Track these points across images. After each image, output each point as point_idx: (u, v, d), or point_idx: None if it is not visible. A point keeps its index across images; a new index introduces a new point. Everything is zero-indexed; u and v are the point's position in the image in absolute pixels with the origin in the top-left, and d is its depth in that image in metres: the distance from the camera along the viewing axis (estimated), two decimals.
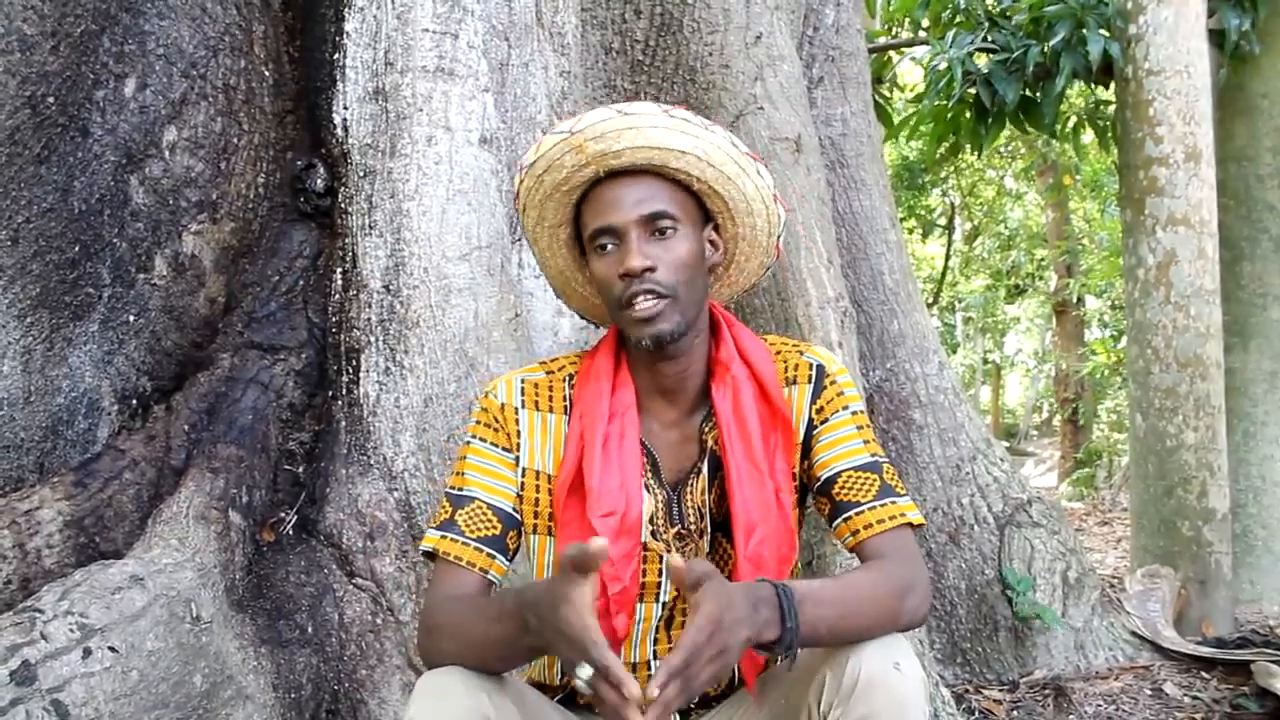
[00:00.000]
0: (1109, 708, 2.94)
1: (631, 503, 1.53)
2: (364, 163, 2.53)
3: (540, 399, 1.63)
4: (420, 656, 1.52)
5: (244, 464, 2.37)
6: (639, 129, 1.48)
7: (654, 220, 1.51)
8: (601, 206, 1.53)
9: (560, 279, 1.73)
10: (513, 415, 1.61)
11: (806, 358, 1.65)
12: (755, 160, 1.58)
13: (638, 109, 1.50)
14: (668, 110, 1.51)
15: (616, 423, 1.56)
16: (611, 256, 1.52)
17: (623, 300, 1.51)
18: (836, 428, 1.61)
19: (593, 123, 1.49)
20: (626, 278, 1.50)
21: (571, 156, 1.51)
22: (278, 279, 2.62)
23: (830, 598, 1.40)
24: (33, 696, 1.74)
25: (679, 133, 1.50)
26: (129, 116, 2.47)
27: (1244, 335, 4.39)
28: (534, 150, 1.55)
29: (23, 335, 2.26)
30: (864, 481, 1.57)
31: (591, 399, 1.57)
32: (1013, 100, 4.67)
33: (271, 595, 2.28)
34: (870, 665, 1.36)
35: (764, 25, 3.01)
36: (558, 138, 1.51)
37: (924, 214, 12.74)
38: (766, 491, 1.55)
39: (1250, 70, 4.43)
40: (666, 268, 1.50)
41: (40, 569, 2.12)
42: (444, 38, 2.56)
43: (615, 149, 1.49)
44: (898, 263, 3.51)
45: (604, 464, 1.53)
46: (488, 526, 1.56)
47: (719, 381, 1.59)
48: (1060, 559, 3.31)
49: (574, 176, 1.54)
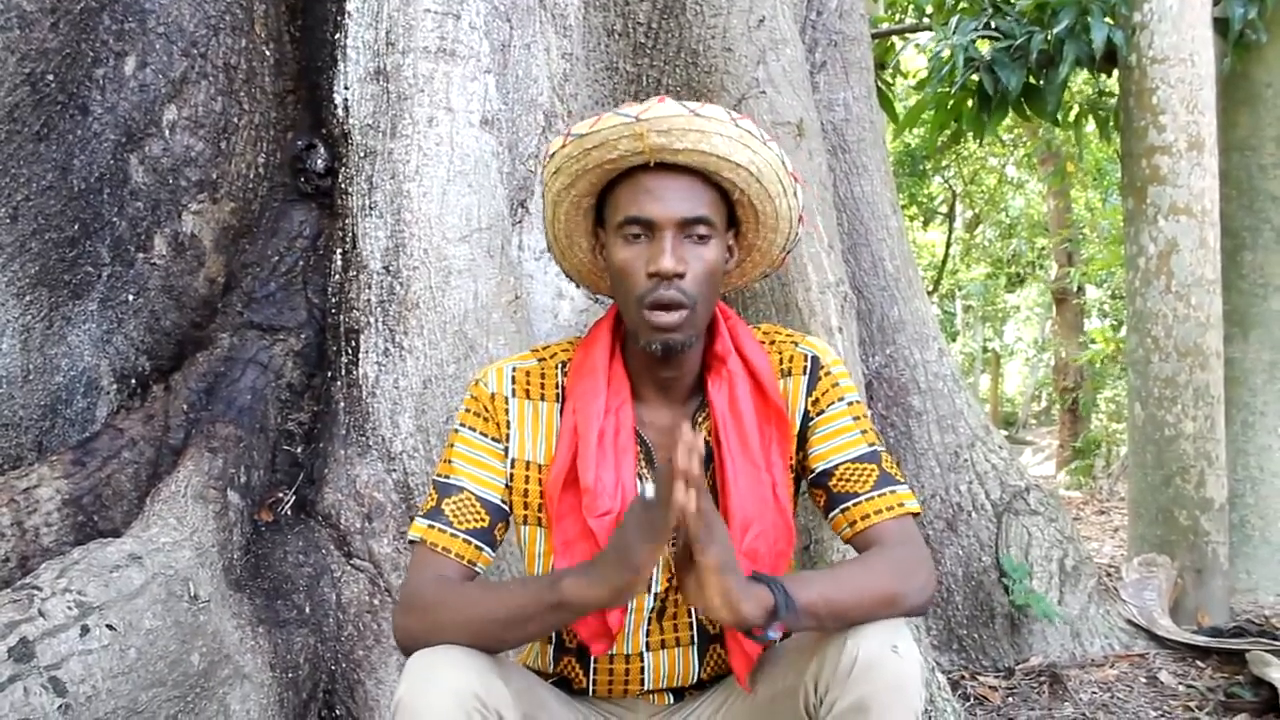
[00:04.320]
0: (1104, 695, 2.95)
1: (626, 500, 1.51)
2: (365, 143, 2.52)
3: (531, 387, 1.61)
4: (399, 639, 1.50)
5: (242, 444, 2.38)
6: (705, 133, 1.46)
7: (693, 224, 1.49)
8: (642, 196, 1.50)
9: (565, 242, 1.69)
10: (502, 405, 1.60)
11: (801, 349, 1.64)
12: (796, 180, 1.58)
13: (709, 112, 1.47)
14: (735, 119, 1.49)
15: (611, 418, 1.54)
16: (640, 248, 1.49)
17: (644, 300, 1.49)
18: (833, 419, 1.60)
19: (661, 114, 1.45)
20: (654, 277, 1.47)
21: (629, 141, 1.47)
22: (277, 259, 2.61)
23: (828, 583, 1.41)
24: (30, 673, 1.74)
25: (740, 144, 1.49)
26: (129, 95, 2.46)
27: (1244, 325, 4.38)
28: (589, 123, 1.50)
29: (22, 314, 2.26)
30: (862, 472, 1.56)
31: (587, 394, 1.55)
32: (1016, 87, 4.65)
33: (269, 575, 2.28)
34: (868, 647, 1.36)
35: (767, 9, 3.00)
36: (622, 119, 1.47)
37: (925, 201, 12.71)
38: (763, 486, 1.54)
39: (1255, 59, 4.41)
40: (695, 276, 1.49)
41: (39, 547, 2.12)
42: (446, 18, 2.55)
43: (676, 146, 1.46)
44: (898, 249, 3.50)
45: (599, 460, 1.51)
46: (475, 519, 1.55)
47: (715, 376, 1.58)
48: (1057, 547, 3.31)
49: (623, 160, 1.51)
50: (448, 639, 1.41)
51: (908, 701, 1.36)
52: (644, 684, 1.64)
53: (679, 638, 1.63)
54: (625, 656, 1.62)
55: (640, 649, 1.62)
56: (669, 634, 1.62)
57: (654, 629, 1.62)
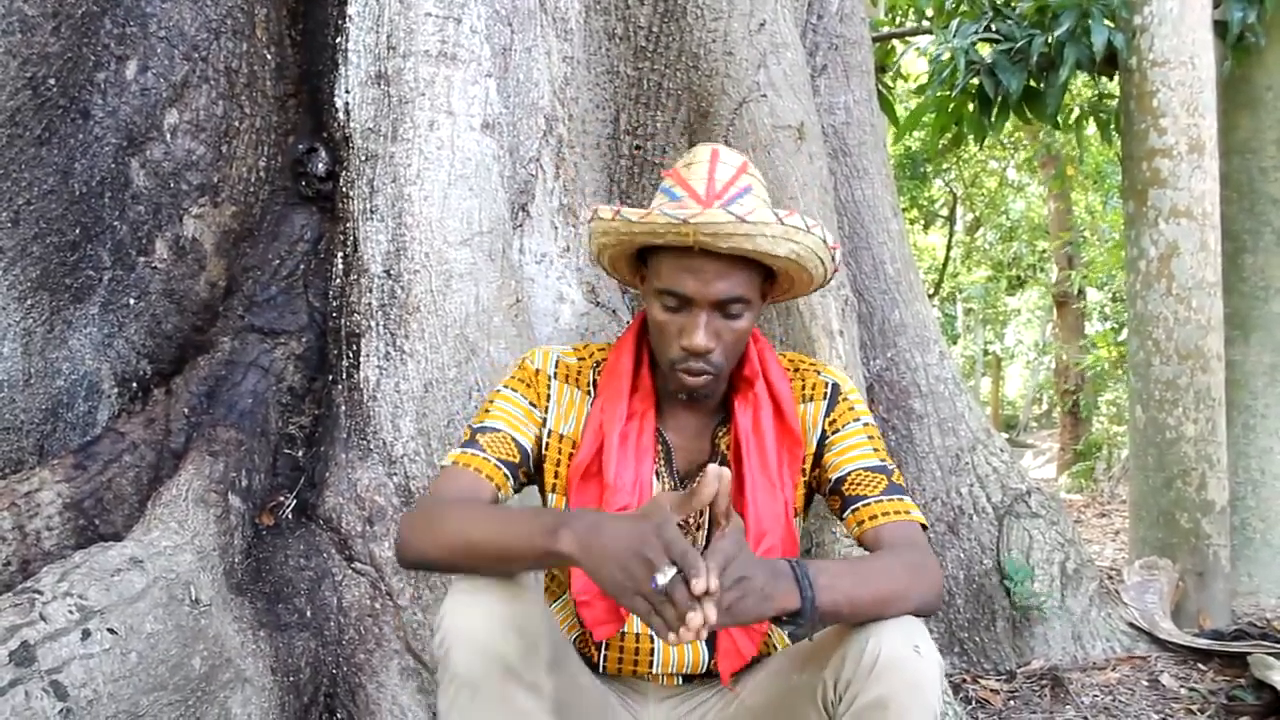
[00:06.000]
0: (1106, 698, 2.94)
1: (643, 497, 1.59)
2: (366, 147, 2.52)
3: (570, 375, 1.72)
4: (396, 546, 1.56)
5: (244, 448, 2.37)
6: (751, 236, 1.50)
7: (729, 304, 1.56)
8: (681, 272, 1.55)
9: (608, 267, 1.75)
10: (546, 381, 1.71)
11: (823, 377, 1.74)
12: (833, 249, 1.60)
13: (758, 218, 1.50)
14: (781, 218, 1.52)
15: (635, 422, 1.65)
16: (676, 316, 1.57)
17: (675, 363, 1.59)
18: (848, 436, 1.69)
19: (709, 221, 1.48)
20: (685, 349, 1.56)
21: (675, 235, 1.52)
22: (278, 263, 2.61)
23: (844, 571, 1.47)
24: (32, 677, 1.74)
25: (785, 240, 1.52)
26: (130, 99, 2.47)
27: (1245, 328, 4.38)
28: (639, 214, 1.55)
29: (23, 317, 2.26)
30: (873, 479, 1.65)
31: (612, 397, 1.65)
32: (1016, 91, 4.65)
33: (270, 579, 2.28)
34: (890, 646, 1.39)
35: (768, 12, 3.00)
36: (670, 222, 1.50)
37: (926, 204, 12.71)
38: (778, 504, 1.63)
39: (1255, 62, 4.42)
40: (725, 347, 1.58)
41: (40, 551, 2.12)
42: (446, 22, 2.55)
43: (722, 245, 1.50)
44: (899, 252, 3.50)
45: (620, 458, 1.61)
46: (508, 452, 1.64)
47: (741, 398, 1.67)
48: (1058, 550, 3.31)
49: (668, 241, 1.55)
50: (434, 557, 1.49)
51: (926, 701, 1.39)
52: (653, 666, 1.67)
53: None
54: (635, 635, 1.66)
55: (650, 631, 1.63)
56: None
57: None
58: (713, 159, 1.60)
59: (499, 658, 1.39)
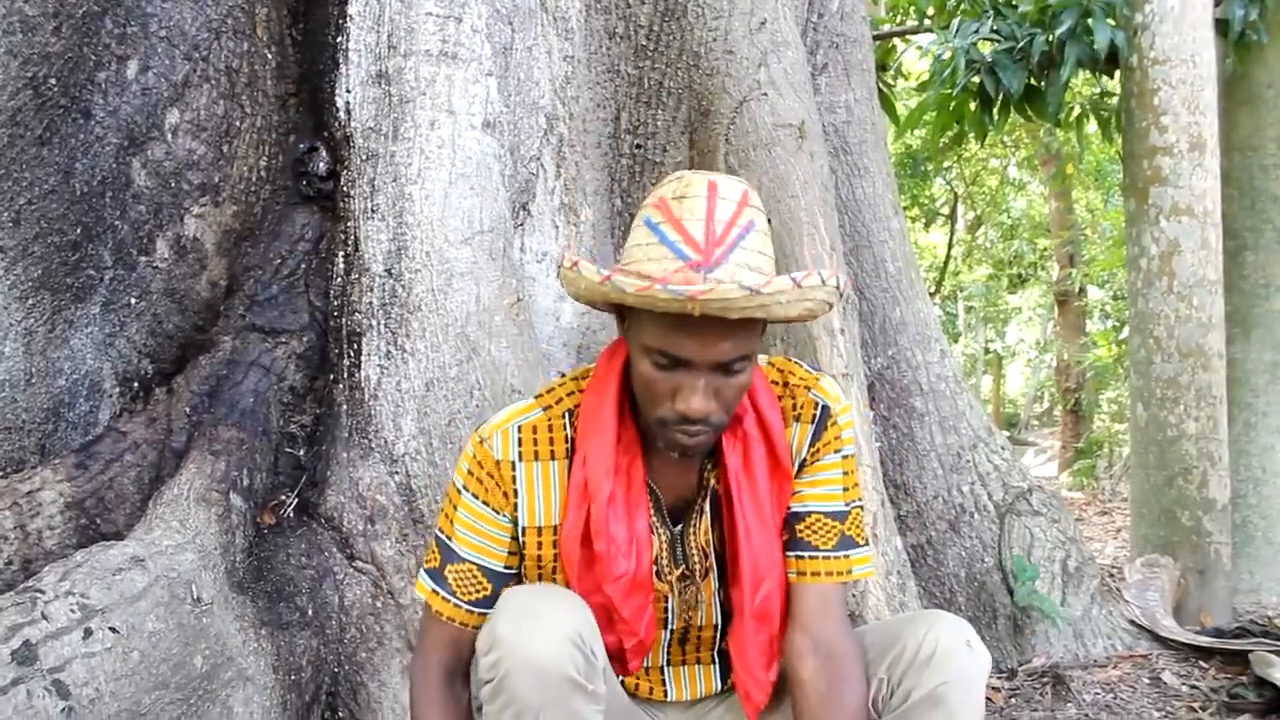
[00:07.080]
0: (1107, 696, 2.95)
1: (641, 559, 1.51)
2: (366, 146, 2.52)
3: (540, 446, 1.55)
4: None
5: (245, 447, 2.38)
6: (767, 305, 1.33)
7: (732, 363, 1.40)
8: (676, 333, 1.36)
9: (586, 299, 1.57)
10: (509, 473, 1.54)
11: (813, 395, 1.60)
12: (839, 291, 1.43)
13: (774, 287, 1.32)
14: (798, 281, 1.35)
15: (622, 476, 1.51)
16: (668, 374, 1.40)
17: (666, 422, 1.43)
18: (824, 469, 1.61)
19: (720, 298, 1.30)
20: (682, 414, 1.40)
21: (678, 305, 1.32)
22: (279, 262, 2.61)
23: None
24: (34, 676, 1.74)
25: (799, 301, 1.36)
26: (131, 98, 2.47)
27: (1246, 326, 4.38)
28: (637, 286, 1.33)
29: (24, 317, 2.26)
30: (828, 529, 1.59)
31: (596, 451, 1.50)
32: (1017, 89, 4.65)
33: (272, 578, 2.28)
34: (945, 639, 1.45)
35: (768, 11, 3.00)
36: (676, 297, 1.30)
37: (927, 203, 12.70)
38: (773, 547, 1.56)
39: (1256, 60, 4.41)
40: (723, 404, 1.42)
41: (41, 550, 2.12)
42: (447, 21, 2.55)
43: (730, 315, 1.34)
44: (900, 250, 3.50)
45: (611, 518, 1.48)
46: (478, 589, 1.56)
47: (730, 436, 1.54)
48: (1060, 548, 3.31)
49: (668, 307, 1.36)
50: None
51: (975, 698, 1.45)
52: (667, 695, 1.68)
53: (700, 658, 1.67)
54: (645, 669, 1.66)
55: (660, 663, 1.65)
56: (690, 655, 1.67)
57: (675, 651, 1.66)
58: (710, 194, 1.38)
59: (564, 679, 1.37)
